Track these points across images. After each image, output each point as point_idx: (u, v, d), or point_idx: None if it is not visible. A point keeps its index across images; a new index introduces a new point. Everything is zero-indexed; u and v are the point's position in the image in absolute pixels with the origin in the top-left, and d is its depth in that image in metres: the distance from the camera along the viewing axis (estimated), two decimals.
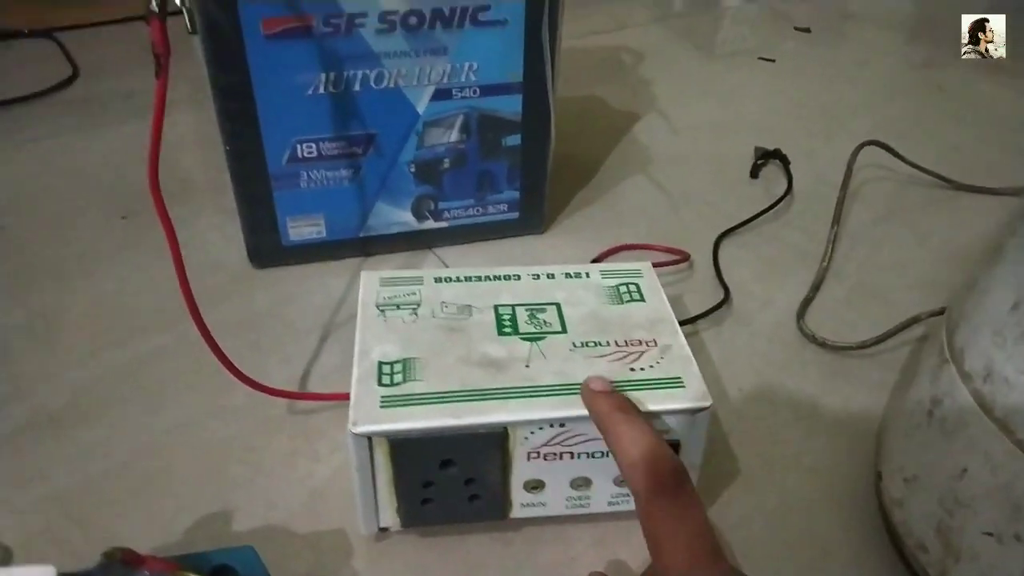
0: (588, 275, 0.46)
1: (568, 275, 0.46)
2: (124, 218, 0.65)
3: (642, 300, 0.44)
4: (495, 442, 0.36)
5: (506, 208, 0.63)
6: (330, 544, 0.40)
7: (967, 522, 0.35)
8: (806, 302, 0.59)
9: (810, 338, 0.55)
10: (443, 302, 0.43)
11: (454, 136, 0.57)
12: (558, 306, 0.43)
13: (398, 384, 0.37)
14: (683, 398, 0.37)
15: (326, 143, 0.55)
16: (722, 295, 0.58)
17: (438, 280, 0.45)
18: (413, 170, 0.58)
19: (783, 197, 0.71)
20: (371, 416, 0.35)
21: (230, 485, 0.43)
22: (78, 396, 0.48)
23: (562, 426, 0.36)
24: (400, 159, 0.57)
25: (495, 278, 0.45)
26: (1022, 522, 0.32)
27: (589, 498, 0.39)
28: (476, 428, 0.35)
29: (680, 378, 0.38)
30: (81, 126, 0.79)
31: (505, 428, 0.36)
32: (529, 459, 0.37)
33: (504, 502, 0.39)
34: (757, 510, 0.43)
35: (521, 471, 0.38)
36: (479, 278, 0.45)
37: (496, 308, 0.43)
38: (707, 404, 0.37)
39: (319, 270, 0.60)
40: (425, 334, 0.40)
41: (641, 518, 0.31)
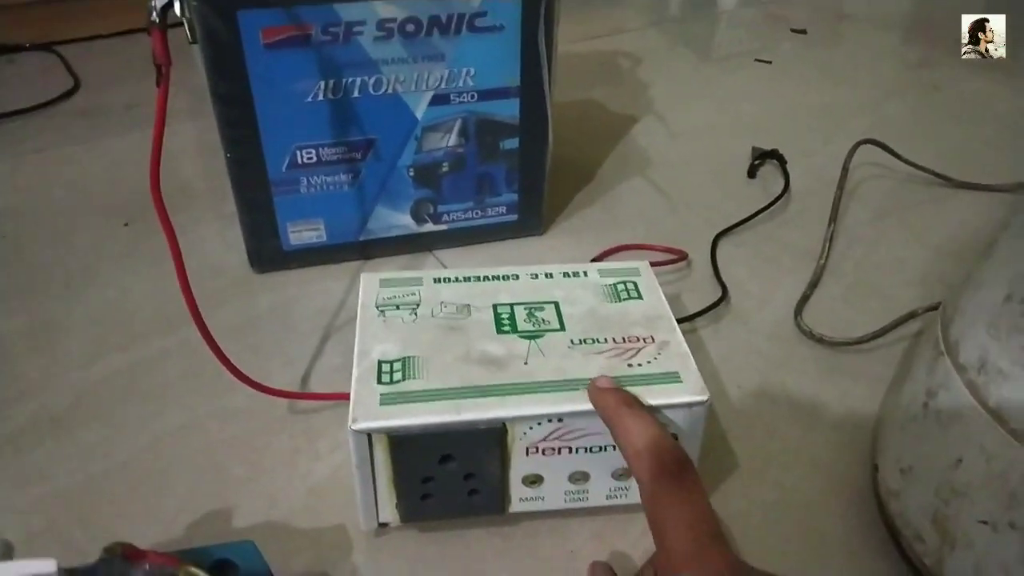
0: (586, 274, 0.46)
1: (566, 274, 0.46)
2: (126, 225, 0.65)
3: (640, 298, 0.44)
4: (494, 437, 0.36)
5: (505, 210, 0.63)
6: (330, 540, 0.40)
7: (962, 511, 0.35)
8: (803, 299, 0.59)
9: (808, 335, 0.55)
10: (442, 302, 0.43)
11: (452, 140, 0.58)
12: (556, 304, 0.43)
13: (398, 382, 0.37)
14: (681, 392, 0.37)
15: (326, 149, 0.55)
16: (720, 293, 0.59)
17: (437, 280, 0.45)
18: (412, 174, 0.59)
19: (780, 196, 0.72)
20: (371, 413, 0.36)
21: (231, 484, 0.43)
22: (80, 398, 0.49)
23: (560, 421, 0.37)
24: (399, 163, 0.58)
25: (494, 278, 0.45)
26: (1016, 510, 0.33)
27: (587, 492, 0.40)
28: (475, 424, 0.36)
29: (677, 373, 0.39)
30: (83, 137, 0.80)
31: (504, 423, 0.36)
32: (528, 454, 0.37)
33: (503, 497, 0.39)
34: (756, 503, 0.43)
35: (520, 466, 0.38)
36: (478, 278, 0.45)
37: (495, 307, 0.43)
38: (704, 398, 0.37)
39: (319, 274, 0.60)
40: (424, 333, 0.41)
41: (646, 505, 0.32)
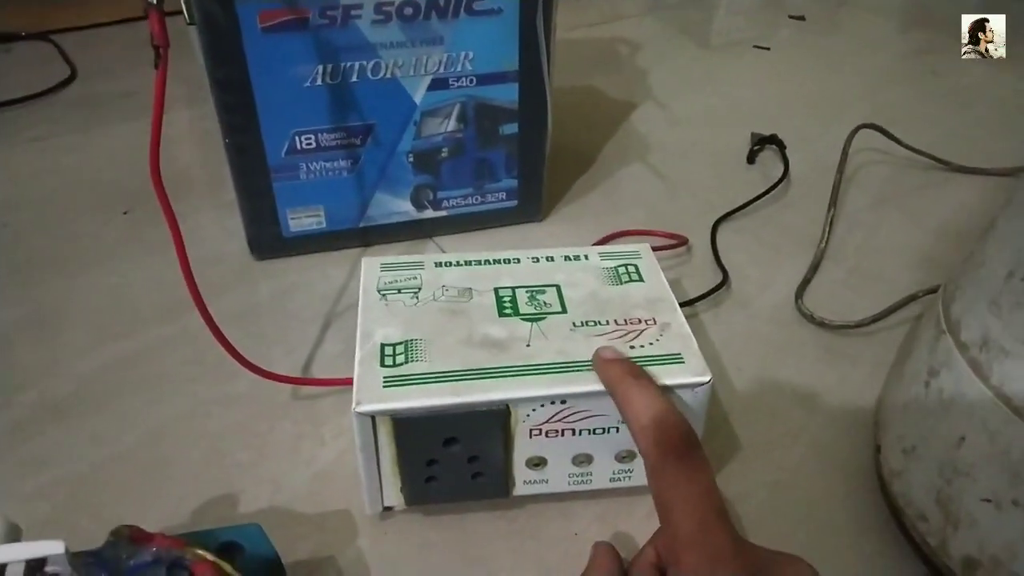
0: (587, 257, 0.46)
1: (567, 258, 0.46)
2: (125, 213, 0.65)
3: (641, 280, 0.44)
4: (497, 419, 0.36)
5: (504, 196, 0.63)
6: (335, 524, 0.40)
7: (966, 490, 0.35)
8: (804, 283, 0.59)
9: (808, 318, 0.55)
10: (444, 285, 0.43)
11: (451, 125, 0.58)
12: (558, 287, 0.43)
13: (400, 365, 0.37)
14: (683, 373, 0.37)
15: (325, 134, 0.55)
16: (720, 278, 0.59)
17: (438, 264, 0.45)
18: (411, 160, 0.58)
19: (780, 181, 0.72)
20: (374, 396, 0.35)
21: (236, 469, 0.43)
22: (82, 386, 0.48)
23: (563, 403, 0.37)
24: (398, 149, 0.58)
25: (495, 262, 0.45)
26: (1020, 487, 0.33)
27: (591, 474, 0.40)
28: (478, 406, 0.36)
29: (680, 354, 0.39)
30: (80, 125, 0.79)
31: (507, 405, 0.36)
32: (531, 436, 0.37)
33: (507, 480, 0.39)
34: (758, 485, 0.44)
35: (523, 448, 0.38)
36: (479, 262, 0.45)
37: (496, 290, 0.43)
38: (707, 379, 0.37)
39: (320, 260, 0.60)
40: (426, 317, 0.41)
41: (651, 480, 0.32)
